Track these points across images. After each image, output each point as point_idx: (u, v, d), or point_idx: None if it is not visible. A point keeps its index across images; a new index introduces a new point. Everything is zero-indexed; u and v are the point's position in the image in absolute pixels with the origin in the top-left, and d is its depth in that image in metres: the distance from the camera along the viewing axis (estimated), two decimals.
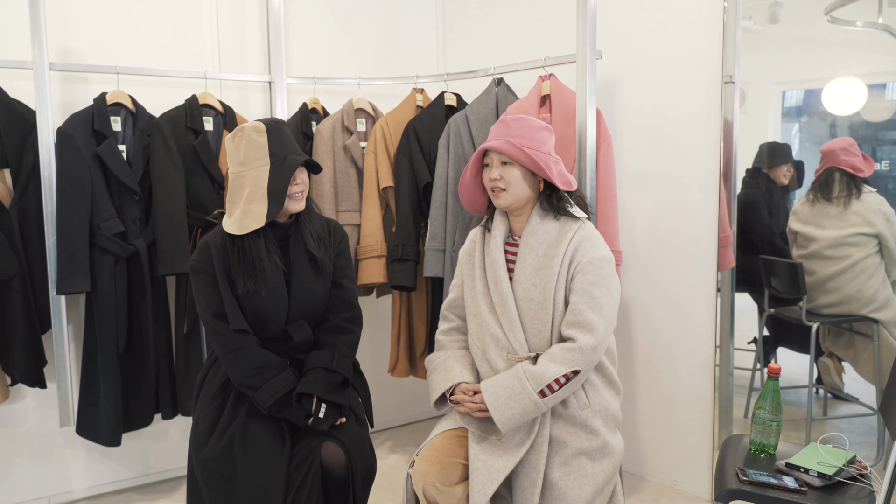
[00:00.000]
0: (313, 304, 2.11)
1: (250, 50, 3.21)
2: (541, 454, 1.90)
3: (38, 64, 2.52)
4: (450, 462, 1.91)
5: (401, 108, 3.15)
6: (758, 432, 2.04)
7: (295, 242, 2.09)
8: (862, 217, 2.73)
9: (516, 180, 1.98)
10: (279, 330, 2.07)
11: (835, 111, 2.82)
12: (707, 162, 2.77)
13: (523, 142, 1.96)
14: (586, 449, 1.92)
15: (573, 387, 1.91)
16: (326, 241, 2.14)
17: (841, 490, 1.81)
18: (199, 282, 2.03)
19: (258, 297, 2.01)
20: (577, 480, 1.90)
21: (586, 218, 2.04)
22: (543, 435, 1.92)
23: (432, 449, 1.94)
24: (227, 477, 1.95)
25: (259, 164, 1.96)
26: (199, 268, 2.02)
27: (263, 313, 2.03)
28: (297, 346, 2.09)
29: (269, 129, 1.97)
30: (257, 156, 1.96)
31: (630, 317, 3.05)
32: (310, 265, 2.09)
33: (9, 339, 2.55)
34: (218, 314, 2.01)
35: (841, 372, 2.90)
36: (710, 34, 2.73)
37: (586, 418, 1.94)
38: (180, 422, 3.12)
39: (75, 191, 2.56)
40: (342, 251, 2.19)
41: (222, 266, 2.01)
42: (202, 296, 2.02)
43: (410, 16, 3.70)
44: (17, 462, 2.82)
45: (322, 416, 1.98)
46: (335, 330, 2.14)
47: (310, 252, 2.08)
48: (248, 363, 1.98)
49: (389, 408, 3.71)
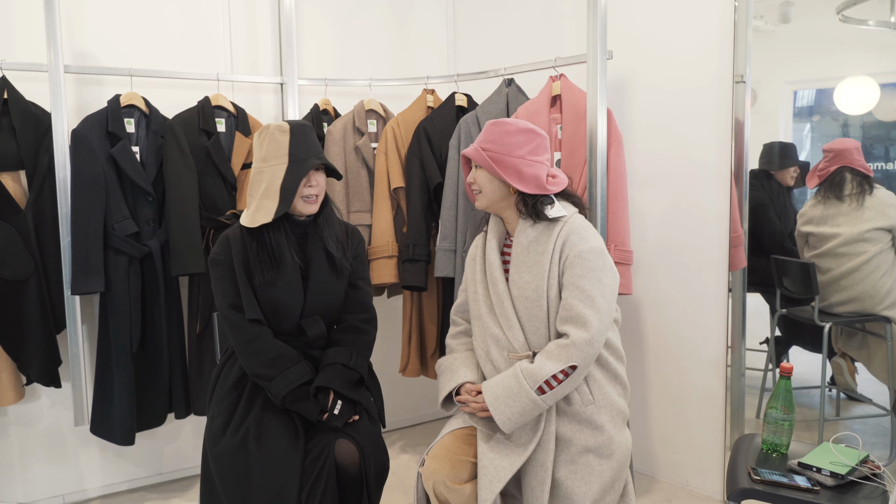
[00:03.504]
0: (329, 302, 2.15)
1: (262, 52, 3.23)
2: (548, 452, 1.90)
3: (53, 67, 2.55)
4: (460, 460, 1.92)
5: (411, 108, 3.16)
6: (770, 432, 2.03)
7: (313, 241, 2.13)
8: (877, 212, 2.71)
9: (487, 183, 2.01)
10: (294, 324, 2.10)
11: (847, 111, 2.80)
12: (718, 162, 2.77)
13: (491, 146, 1.99)
14: (592, 446, 1.92)
15: (573, 382, 1.90)
16: (345, 243, 2.18)
17: (854, 490, 1.80)
18: (218, 273, 2.07)
19: (274, 288, 2.04)
20: (584, 479, 1.89)
21: (577, 212, 2.03)
22: (550, 432, 1.92)
23: (442, 447, 1.95)
24: (242, 472, 1.96)
25: (278, 162, 2.01)
26: (219, 260, 2.07)
27: (279, 306, 2.06)
28: (310, 342, 2.12)
29: (292, 130, 2.02)
30: (277, 154, 2.01)
31: (641, 316, 3.04)
32: (327, 264, 2.12)
33: (24, 339, 2.58)
34: (234, 305, 2.05)
35: (854, 372, 2.89)
36: (721, 34, 2.72)
37: (591, 414, 1.94)
38: (193, 421, 3.14)
39: (90, 192, 2.59)
40: (359, 254, 2.24)
41: (240, 256, 2.05)
42: (220, 287, 2.07)
43: (421, 17, 3.71)
44: (31, 461, 2.85)
45: (337, 412, 2.00)
46: (352, 330, 2.17)
47: (328, 251, 2.12)
48: (263, 353, 2.02)
49: (400, 408, 3.73)
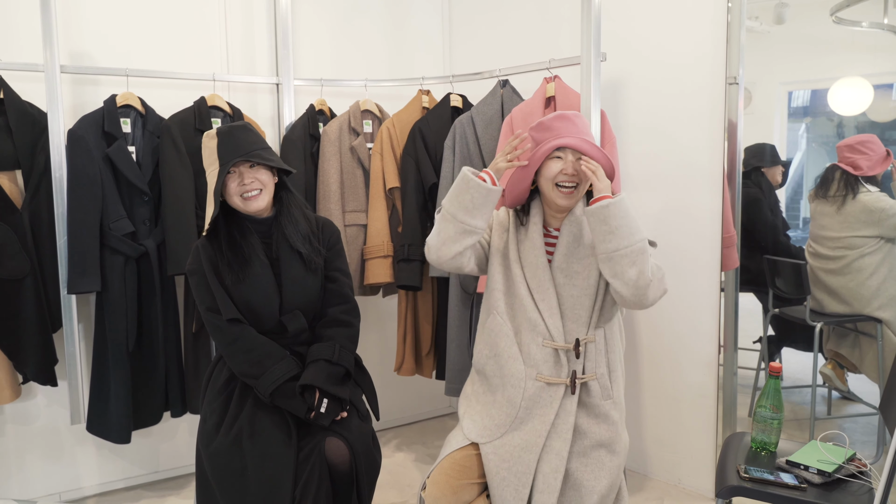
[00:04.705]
0: (306, 296, 2.16)
1: (258, 52, 3.25)
2: (565, 441, 1.89)
3: (49, 67, 2.56)
4: (461, 485, 1.90)
5: (407, 109, 3.18)
6: (759, 430, 2.05)
7: (278, 238, 2.15)
8: (857, 218, 2.73)
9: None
10: (274, 322, 2.12)
11: (841, 111, 2.82)
12: (711, 163, 2.79)
13: (590, 138, 1.99)
14: (605, 440, 1.92)
15: (636, 248, 1.82)
16: (312, 238, 2.18)
17: (840, 487, 1.82)
18: (195, 282, 2.11)
19: (245, 286, 2.07)
20: (594, 472, 1.89)
21: None
22: (569, 423, 1.91)
23: (442, 473, 1.92)
24: (237, 470, 1.98)
25: (212, 167, 2.07)
26: (193, 269, 2.12)
27: (254, 305, 2.08)
28: (292, 337, 2.14)
29: (219, 134, 2.07)
30: (210, 160, 2.07)
31: (634, 316, 3.06)
32: (298, 260, 2.14)
33: (21, 338, 2.59)
34: (211, 308, 2.08)
35: (844, 379, 2.90)
36: (714, 35, 2.74)
37: (608, 409, 1.94)
38: (189, 419, 3.16)
39: (86, 192, 2.60)
40: (333, 246, 2.24)
41: (210, 261, 2.09)
42: (198, 294, 2.11)
43: (417, 18, 3.72)
44: (28, 459, 2.87)
45: (323, 410, 2.01)
46: (335, 323, 2.18)
47: (295, 248, 2.14)
48: (247, 352, 2.04)
49: (395, 406, 3.74)
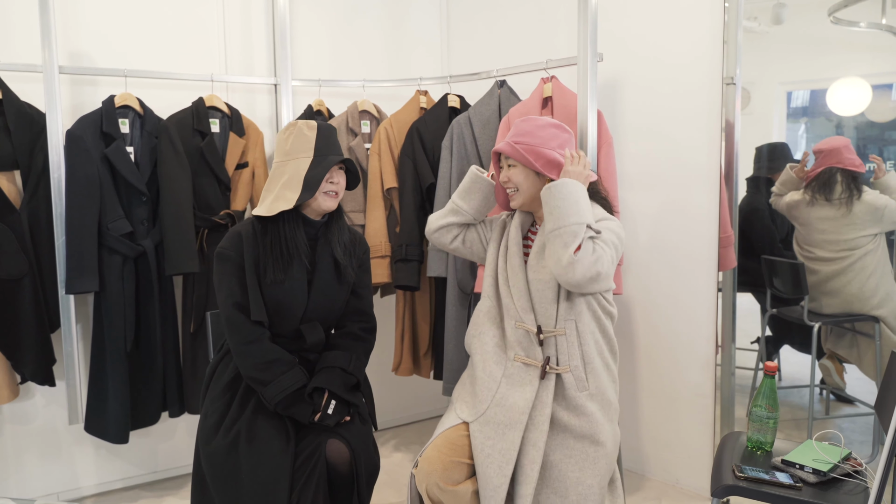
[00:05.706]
0: (330, 307, 2.16)
1: (256, 53, 3.25)
2: (541, 433, 1.91)
3: (47, 67, 2.56)
4: (452, 462, 1.93)
5: (405, 109, 3.18)
6: (755, 429, 2.06)
7: (322, 245, 2.13)
8: (864, 217, 2.73)
9: (523, 179, 2.04)
10: (293, 327, 2.11)
11: (840, 112, 2.83)
12: (708, 163, 2.79)
13: (524, 139, 2.01)
14: (587, 433, 1.93)
15: (570, 231, 1.87)
16: (351, 251, 2.19)
17: (836, 486, 1.83)
18: (225, 269, 2.05)
19: (280, 288, 2.04)
20: (578, 464, 1.91)
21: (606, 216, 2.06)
22: (545, 414, 1.93)
23: (435, 449, 1.95)
24: (233, 471, 1.98)
25: (303, 155, 2.04)
26: (227, 255, 2.05)
27: (282, 306, 2.07)
28: (309, 347, 2.13)
29: (319, 128, 2.06)
30: (303, 148, 2.04)
31: (632, 316, 3.07)
32: (333, 270, 2.13)
33: (19, 338, 2.60)
34: (238, 304, 2.03)
35: (842, 373, 2.91)
36: (712, 36, 2.74)
37: (583, 401, 1.96)
38: (187, 420, 3.16)
39: (84, 192, 2.61)
40: (363, 262, 2.25)
41: (252, 255, 2.05)
42: (225, 284, 2.05)
43: (415, 19, 3.73)
44: (26, 458, 2.87)
45: (331, 411, 2.01)
46: (352, 337, 2.19)
47: (335, 257, 2.13)
48: (260, 356, 2.02)
49: (393, 407, 3.74)
